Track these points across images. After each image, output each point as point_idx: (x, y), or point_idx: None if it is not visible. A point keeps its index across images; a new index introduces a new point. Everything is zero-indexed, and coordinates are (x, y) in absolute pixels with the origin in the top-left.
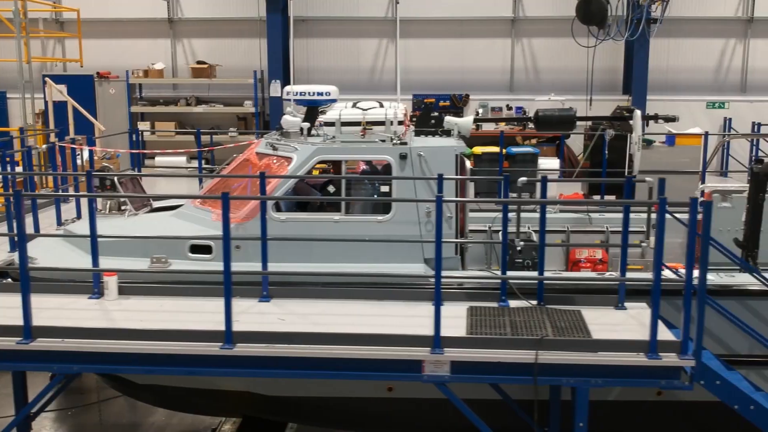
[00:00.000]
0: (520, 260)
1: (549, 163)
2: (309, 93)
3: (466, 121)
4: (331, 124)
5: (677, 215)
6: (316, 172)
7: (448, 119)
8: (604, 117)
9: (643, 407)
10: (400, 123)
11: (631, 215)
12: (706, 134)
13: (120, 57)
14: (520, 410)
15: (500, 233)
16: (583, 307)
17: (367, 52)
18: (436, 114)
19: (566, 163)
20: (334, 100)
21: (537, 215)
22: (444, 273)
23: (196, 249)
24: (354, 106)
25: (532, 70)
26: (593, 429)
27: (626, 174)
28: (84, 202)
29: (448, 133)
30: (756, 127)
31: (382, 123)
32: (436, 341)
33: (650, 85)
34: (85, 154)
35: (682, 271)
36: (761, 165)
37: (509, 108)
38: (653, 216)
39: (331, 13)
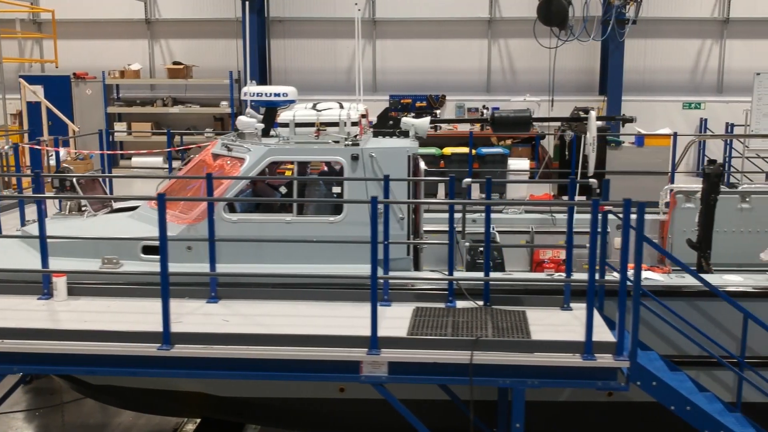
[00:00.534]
0: (482, 261)
1: (518, 164)
2: (266, 94)
3: (423, 122)
4: (285, 125)
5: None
6: (289, 173)
7: (405, 120)
8: (560, 118)
9: (594, 408)
10: (354, 124)
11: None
12: (675, 135)
13: (98, 58)
14: (468, 411)
15: (462, 233)
16: (529, 307)
17: (345, 53)
18: (416, 113)
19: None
20: (292, 101)
21: (499, 215)
22: (393, 274)
23: (148, 250)
24: (313, 107)
25: (509, 70)
26: (545, 429)
27: (579, 175)
28: (49, 203)
29: (406, 134)
30: (729, 127)
31: (336, 124)
32: (373, 342)
33: (627, 86)
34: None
35: (644, 273)
36: (713, 166)
37: (485, 108)
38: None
39: (308, 13)
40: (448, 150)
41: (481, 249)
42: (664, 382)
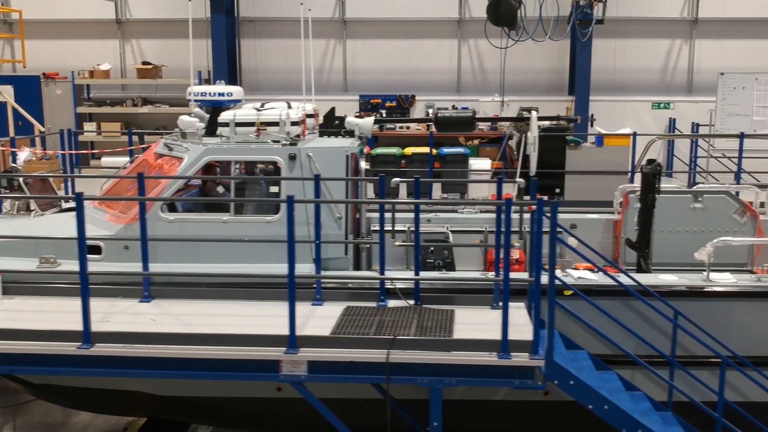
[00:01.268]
0: (431, 260)
1: (479, 164)
2: (210, 93)
3: (366, 121)
4: (226, 124)
5: (596, 215)
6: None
7: (349, 120)
8: (504, 118)
9: (531, 407)
10: (296, 124)
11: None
12: (635, 134)
13: (70, 57)
14: (401, 410)
15: (414, 233)
16: (461, 306)
17: (316, 53)
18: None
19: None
20: (237, 101)
21: (454, 215)
22: (325, 273)
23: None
24: (261, 106)
25: (479, 70)
26: (480, 428)
27: (518, 174)
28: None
29: (351, 133)
30: (695, 127)
31: (277, 124)
32: (291, 341)
33: (597, 86)
34: (22, 156)
35: (579, 272)
36: (650, 165)
37: (455, 108)
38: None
39: (278, 13)
40: (409, 150)
41: (432, 249)
42: (582, 381)
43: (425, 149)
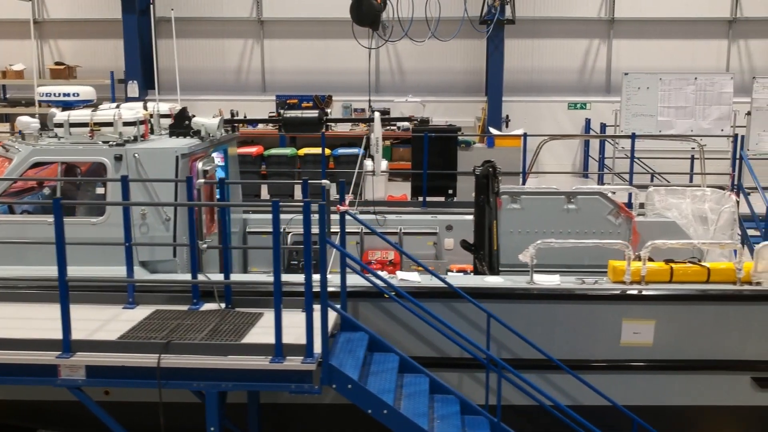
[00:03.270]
0: (296, 262)
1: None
2: (56, 94)
3: (212, 122)
4: (60, 125)
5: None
6: None
7: (195, 120)
8: (349, 120)
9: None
10: (129, 124)
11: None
12: (525, 135)
13: None
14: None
15: (290, 235)
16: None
17: (233, 53)
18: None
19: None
20: (87, 101)
21: (335, 217)
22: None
23: None
24: (117, 107)
25: (398, 71)
26: None
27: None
28: None
29: (198, 133)
30: (603, 128)
31: (111, 124)
32: (65, 345)
33: (514, 86)
34: None
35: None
36: (482, 167)
37: (371, 109)
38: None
39: (195, 13)
40: (302, 151)
41: (296, 251)
42: (359, 386)
43: (317, 150)
